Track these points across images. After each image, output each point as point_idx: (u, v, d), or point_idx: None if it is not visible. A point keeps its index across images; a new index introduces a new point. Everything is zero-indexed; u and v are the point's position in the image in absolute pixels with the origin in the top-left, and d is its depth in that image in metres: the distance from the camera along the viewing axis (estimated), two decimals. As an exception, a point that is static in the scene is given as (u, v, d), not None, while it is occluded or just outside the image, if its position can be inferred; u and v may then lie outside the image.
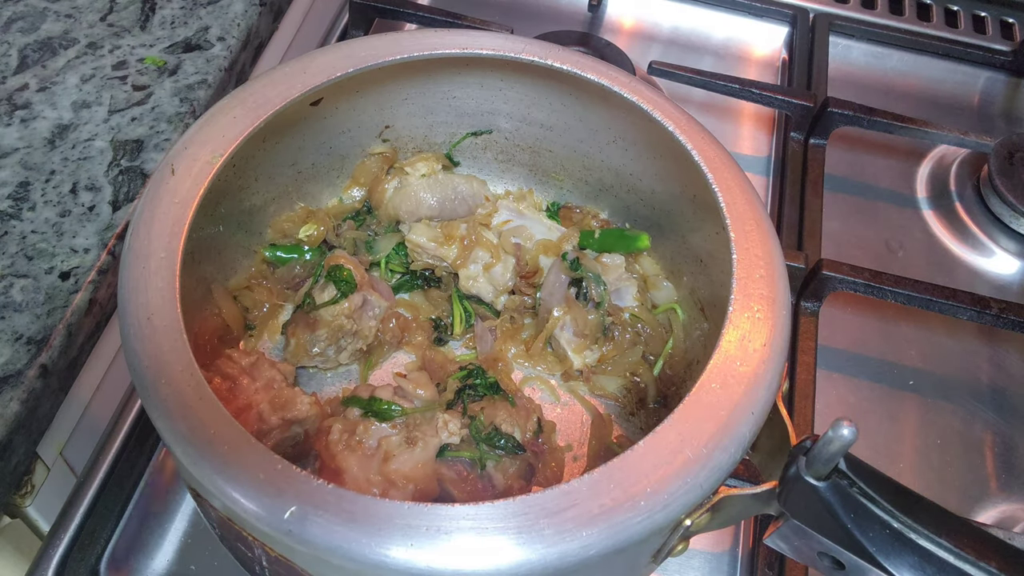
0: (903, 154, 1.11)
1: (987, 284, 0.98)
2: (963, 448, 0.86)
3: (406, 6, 1.08)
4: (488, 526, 0.47)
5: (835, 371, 0.90)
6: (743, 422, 0.53)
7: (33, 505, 0.73)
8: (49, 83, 0.84)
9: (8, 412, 0.64)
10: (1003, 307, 0.85)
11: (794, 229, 0.97)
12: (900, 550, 0.49)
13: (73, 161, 0.79)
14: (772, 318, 0.58)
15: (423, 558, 0.46)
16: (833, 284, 0.87)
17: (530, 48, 0.74)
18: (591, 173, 0.85)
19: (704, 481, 0.51)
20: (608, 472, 0.50)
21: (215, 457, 0.49)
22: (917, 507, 0.50)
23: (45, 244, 0.73)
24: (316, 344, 0.75)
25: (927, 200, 1.06)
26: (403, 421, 0.70)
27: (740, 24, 1.24)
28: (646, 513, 0.49)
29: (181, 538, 0.73)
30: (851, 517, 0.50)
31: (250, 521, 0.48)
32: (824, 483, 0.50)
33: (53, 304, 0.70)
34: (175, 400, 0.51)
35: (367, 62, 0.71)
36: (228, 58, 0.90)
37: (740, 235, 0.62)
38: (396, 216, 0.84)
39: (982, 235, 1.02)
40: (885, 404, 0.88)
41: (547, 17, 1.22)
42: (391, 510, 0.47)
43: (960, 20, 1.26)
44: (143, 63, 0.88)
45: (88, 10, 0.92)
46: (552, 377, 0.80)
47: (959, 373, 0.91)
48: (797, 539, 0.55)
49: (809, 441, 0.51)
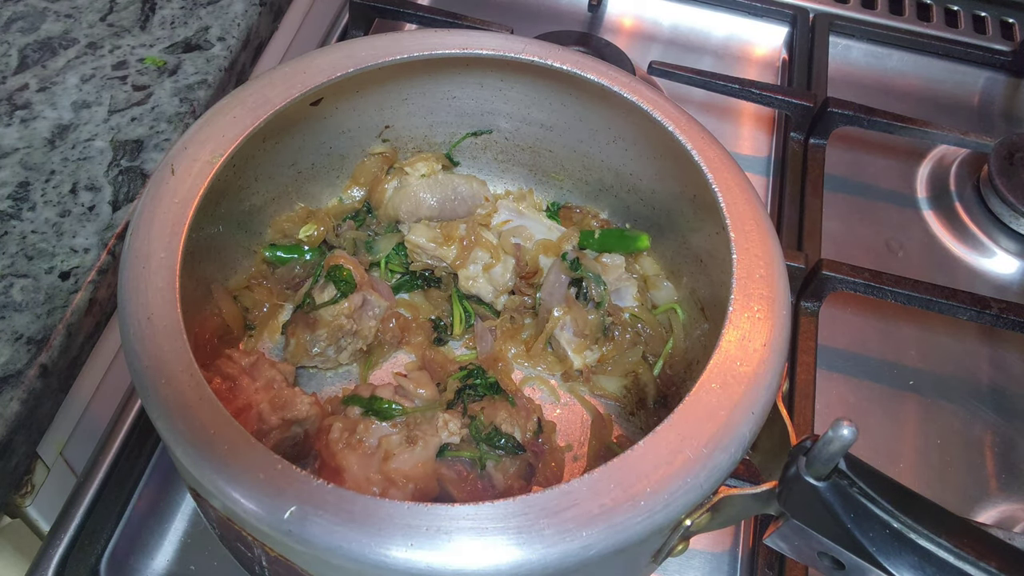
0: (903, 154, 1.11)
1: (987, 284, 0.98)
2: (963, 448, 0.86)
3: (406, 6, 1.08)
4: (488, 526, 0.47)
5: (835, 371, 0.90)
6: (743, 422, 0.53)
7: (33, 505, 0.73)
8: (49, 83, 0.84)
9: (8, 412, 0.64)
10: (1003, 307, 0.85)
11: (794, 229, 0.97)
12: (900, 550, 0.49)
13: (73, 161, 0.79)
14: (772, 318, 0.58)
15: (423, 558, 0.46)
16: (833, 284, 0.87)
17: (530, 48, 0.73)
18: (591, 173, 0.85)
19: (704, 481, 0.51)
20: (608, 472, 0.50)
21: (215, 457, 0.49)
22: (917, 507, 0.50)
23: (45, 244, 0.73)
24: (316, 344, 0.75)
25: (927, 200, 1.06)
26: (403, 420, 0.70)
27: (740, 24, 1.24)
28: (646, 513, 0.49)
29: (181, 538, 0.73)
30: (851, 517, 0.50)
31: (250, 521, 0.48)
32: (824, 483, 0.50)
33: (53, 304, 0.70)
34: (175, 400, 0.51)
35: (367, 62, 0.71)
36: (228, 58, 0.90)
37: (740, 235, 0.62)
38: (396, 216, 0.84)
39: (982, 235, 1.02)
40: (885, 404, 0.88)
41: (547, 17, 1.22)
42: (391, 510, 0.47)
43: (960, 20, 1.26)
44: (143, 63, 0.88)
45: (88, 10, 0.92)
46: (552, 377, 0.80)
47: (959, 373, 0.91)
48: (797, 539, 0.55)
49: (809, 441, 0.51)
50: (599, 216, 0.87)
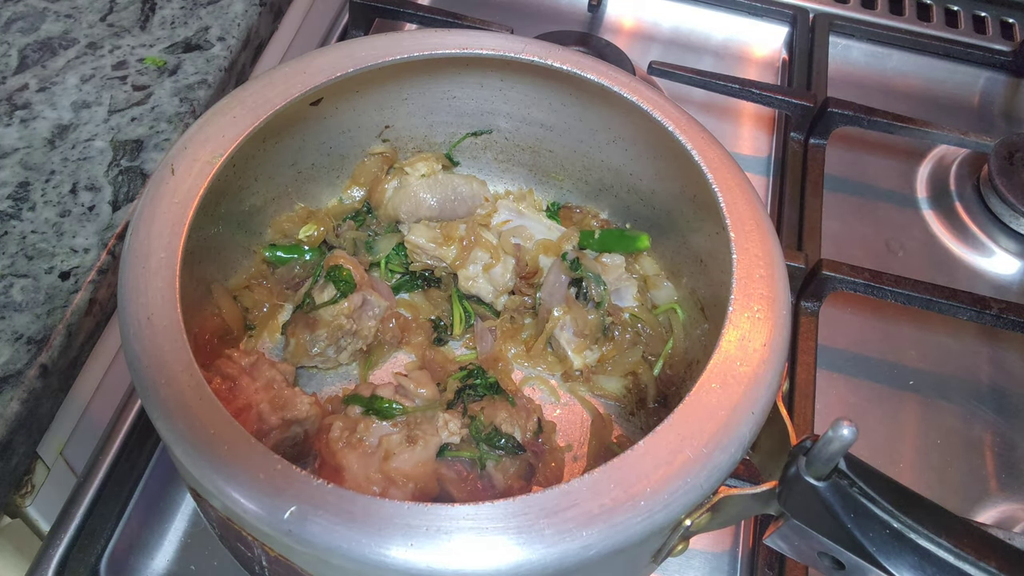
0: (903, 154, 1.11)
1: (987, 284, 0.99)
2: (963, 448, 0.86)
3: (406, 6, 1.08)
4: (488, 526, 0.47)
5: (835, 371, 0.90)
6: (743, 422, 0.53)
7: (33, 505, 0.73)
8: (49, 83, 0.84)
9: (8, 412, 0.64)
10: (1003, 307, 0.85)
11: (794, 229, 0.97)
12: (900, 550, 0.49)
13: (73, 161, 0.79)
14: (772, 318, 0.58)
15: (423, 558, 0.46)
16: (833, 284, 0.87)
17: (530, 48, 0.73)
18: (591, 173, 0.85)
19: (704, 481, 0.51)
20: (608, 472, 0.50)
21: (215, 457, 0.49)
22: (917, 507, 0.50)
23: (45, 244, 0.73)
24: (316, 344, 0.75)
25: (927, 200, 1.06)
26: (404, 420, 0.70)
27: (740, 24, 1.24)
28: (646, 513, 0.49)
29: (181, 538, 0.73)
30: (851, 517, 0.50)
31: (250, 521, 0.48)
32: (824, 483, 0.50)
33: (53, 304, 0.70)
34: (175, 400, 0.51)
35: (367, 62, 0.71)
36: (228, 58, 0.90)
37: (740, 235, 0.62)
38: (396, 216, 0.84)
39: (982, 235, 1.02)
40: (885, 404, 0.88)
41: (547, 17, 1.22)
42: (391, 510, 0.47)
43: (960, 20, 1.26)
44: (143, 63, 0.88)
45: (88, 10, 0.92)
46: (552, 377, 0.80)
47: (959, 373, 0.91)
48: (797, 539, 0.55)
49: (809, 441, 0.52)
50: (599, 216, 0.87)
